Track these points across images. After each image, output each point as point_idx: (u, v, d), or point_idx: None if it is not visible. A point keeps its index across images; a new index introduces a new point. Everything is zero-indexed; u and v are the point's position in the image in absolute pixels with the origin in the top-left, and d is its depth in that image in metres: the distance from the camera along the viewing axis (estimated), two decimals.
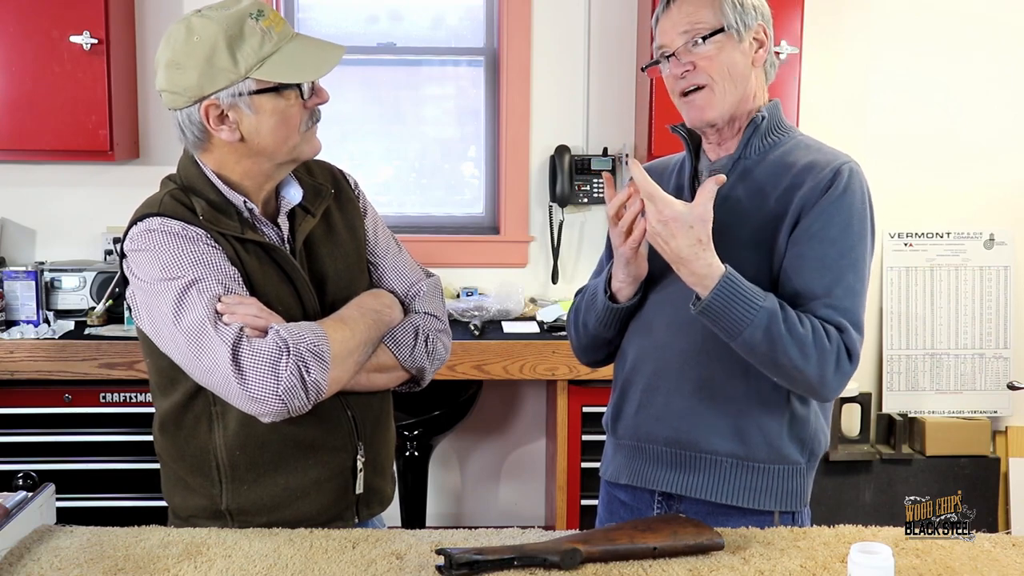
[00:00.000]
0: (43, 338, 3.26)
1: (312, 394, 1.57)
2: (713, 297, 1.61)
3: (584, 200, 3.74)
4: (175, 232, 1.61)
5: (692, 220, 1.60)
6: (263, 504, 1.69)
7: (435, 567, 1.46)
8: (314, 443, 1.70)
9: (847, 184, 1.69)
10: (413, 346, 1.75)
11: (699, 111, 1.75)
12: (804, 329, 1.62)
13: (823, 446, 1.80)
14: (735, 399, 1.74)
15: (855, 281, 1.68)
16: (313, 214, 1.75)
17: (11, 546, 1.51)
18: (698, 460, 1.77)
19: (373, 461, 1.78)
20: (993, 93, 3.83)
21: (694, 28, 1.72)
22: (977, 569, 1.50)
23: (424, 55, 3.93)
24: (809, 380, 1.66)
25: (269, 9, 1.64)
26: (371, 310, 1.72)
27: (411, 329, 1.76)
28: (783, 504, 1.77)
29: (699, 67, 1.72)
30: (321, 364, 1.57)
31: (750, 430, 1.74)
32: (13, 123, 3.38)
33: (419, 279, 1.85)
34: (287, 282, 1.69)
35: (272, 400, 1.55)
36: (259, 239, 1.67)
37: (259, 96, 1.60)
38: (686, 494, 1.78)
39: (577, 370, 3.30)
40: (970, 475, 3.75)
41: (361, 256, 1.82)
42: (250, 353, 1.54)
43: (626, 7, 3.73)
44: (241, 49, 1.58)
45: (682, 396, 1.77)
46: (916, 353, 3.86)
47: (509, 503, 4.01)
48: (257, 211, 1.69)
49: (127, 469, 3.26)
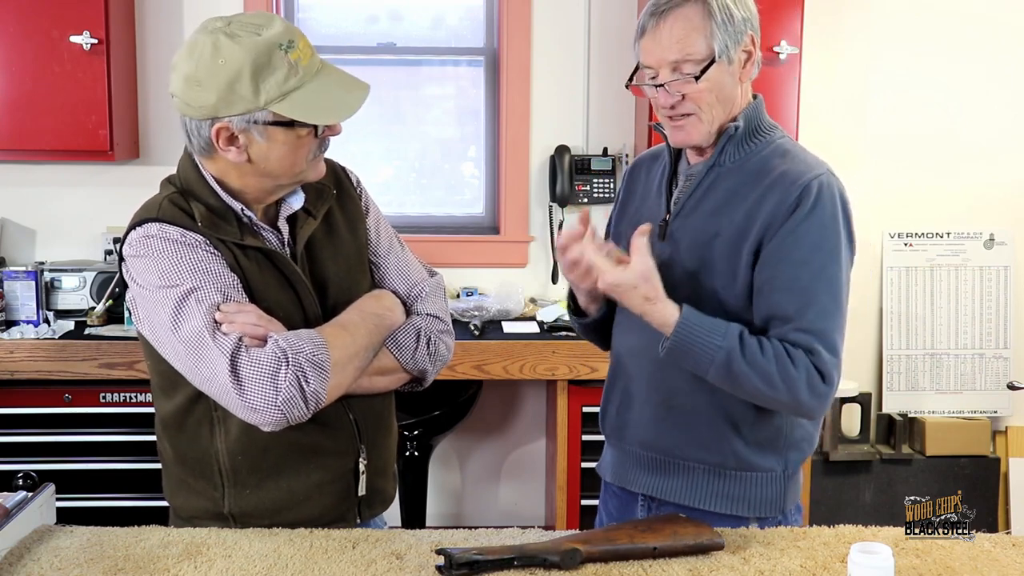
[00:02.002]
0: (43, 338, 3.26)
1: (311, 404, 1.56)
2: (672, 343, 1.64)
3: (584, 200, 3.74)
4: (173, 239, 1.59)
5: (635, 281, 1.63)
6: (265, 508, 1.69)
7: (435, 567, 1.46)
8: (316, 447, 1.70)
9: (815, 202, 1.65)
10: (415, 348, 1.74)
11: (686, 136, 1.73)
12: (766, 360, 1.62)
13: (805, 452, 1.79)
14: (700, 411, 1.74)
15: (829, 301, 1.65)
16: (314, 216, 1.72)
17: (11, 546, 1.51)
18: (673, 465, 1.78)
19: (375, 463, 1.78)
20: (993, 93, 3.83)
21: (685, 59, 1.66)
22: (977, 569, 1.50)
23: (424, 55, 3.93)
24: (784, 405, 1.68)
25: (301, 39, 1.58)
26: (372, 314, 1.71)
27: (412, 331, 1.75)
28: (758, 511, 1.76)
29: (688, 98, 1.68)
30: (320, 373, 1.56)
31: (717, 441, 1.74)
32: (13, 123, 3.38)
33: (422, 279, 1.83)
34: (288, 287, 1.67)
35: (271, 411, 1.53)
36: (259, 245, 1.65)
37: (273, 127, 1.57)
38: (665, 498, 1.79)
39: (577, 370, 3.30)
40: (970, 475, 3.75)
41: (363, 257, 1.80)
42: (248, 364, 1.53)
43: (626, 7, 3.72)
44: (265, 81, 1.54)
45: (652, 405, 1.79)
46: (916, 353, 3.86)
47: (509, 503, 4.01)
48: (255, 217, 1.67)
49: (127, 469, 3.26)
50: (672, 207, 1.78)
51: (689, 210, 1.74)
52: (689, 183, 1.77)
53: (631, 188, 1.92)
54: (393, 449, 1.87)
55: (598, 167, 3.74)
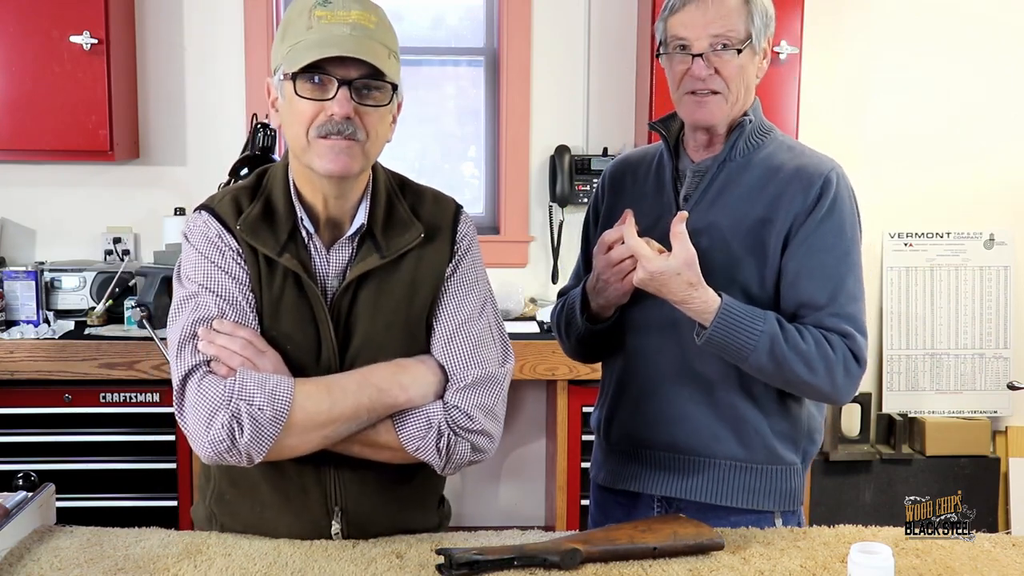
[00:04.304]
0: (43, 338, 3.26)
1: (244, 457, 1.44)
2: (714, 330, 1.65)
3: (584, 200, 3.73)
4: (210, 237, 1.53)
5: (679, 268, 1.64)
6: (243, 520, 1.62)
7: (435, 567, 1.46)
8: (288, 490, 1.57)
9: (836, 193, 1.72)
10: (422, 437, 1.52)
11: (708, 115, 1.74)
12: (807, 344, 1.66)
13: (816, 446, 1.83)
14: (730, 403, 1.75)
15: (854, 285, 1.72)
16: (383, 254, 1.54)
17: (11, 546, 1.51)
18: (697, 464, 1.78)
19: (358, 526, 1.58)
20: (993, 93, 3.83)
21: (727, 34, 1.69)
22: (977, 569, 1.50)
23: (424, 55, 3.93)
24: (821, 391, 1.70)
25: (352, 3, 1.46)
26: (374, 386, 1.50)
27: (423, 419, 1.52)
28: (782, 504, 1.79)
29: (721, 74, 1.71)
30: (260, 431, 1.42)
31: (747, 433, 1.76)
32: (13, 123, 3.38)
33: (478, 362, 1.57)
34: (309, 322, 1.52)
35: (202, 446, 1.45)
36: (292, 266, 1.51)
37: (286, 82, 1.47)
38: (686, 497, 1.79)
39: (577, 370, 3.30)
40: (970, 475, 3.75)
41: (415, 320, 1.57)
42: (195, 391, 1.45)
43: (626, 7, 3.73)
44: (288, 34, 1.47)
45: (679, 402, 1.78)
46: (916, 353, 3.86)
47: (509, 503, 4.01)
48: (313, 230, 1.53)
49: (127, 469, 3.26)
50: (682, 203, 1.78)
51: (706, 205, 1.75)
52: (698, 179, 1.78)
53: (619, 190, 1.90)
54: (394, 509, 1.63)
55: (598, 167, 3.74)
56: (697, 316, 1.67)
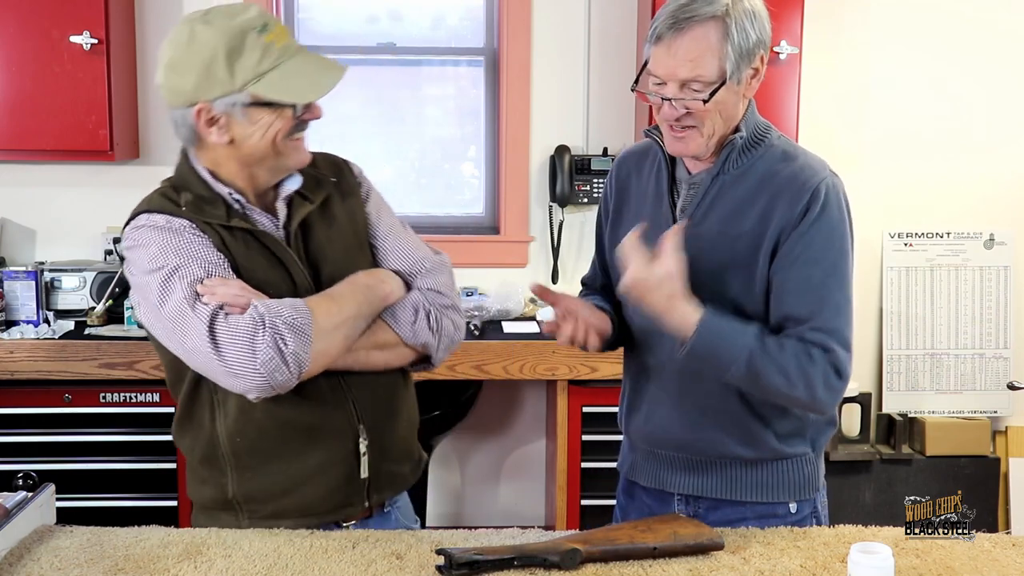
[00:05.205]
0: (43, 338, 3.26)
1: (293, 368, 1.57)
2: (693, 344, 1.66)
3: (584, 200, 3.74)
4: (159, 226, 1.65)
5: (660, 279, 1.65)
6: (268, 492, 1.70)
7: (435, 567, 1.46)
8: (313, 427, 1.70)
9: (824, 204, 1.69)
10: (413, 322, 1.74)
11: (684, 148, 1.73)
12: (785, 358, 1.66)
13: (832, 427, 1.86)
14: (734, 409, 1.77)
15: (841, 299, 1.71)
16: (311, 200, 1.74)
17: (11, 546, 1.51)
18: (710, 464, 1.81)
19: (379, 444, 1.75)
20: (993, 93, 3.83)
21: (696, 79, 1.65)
22: (977, 569, 1.50)
23: (424, 55, 3.93)
24: (800, 403, 1.72)
25: (275, 23, 1.65)
26: (363, 285, 1.71)
27: (410, 305, 1.75)
28: (796, 494, 1.81)
29: (692, 114, 1.68)
30: (299, 336, 1.57)
31: (753, 434, 1.78)
32: (13, 123, 3.38)
33: (424, 256, 1.83)
34: (278, 266, 1.69)
35: (252, 375, 1.55)
36: (246, 226, 1.68)
37: (253, 108, 1.62)
38: (704, 495, 1.82)
39: (577, 370, 3.30)
40: (970, 475, 3.75)
41: (362, 240, 1.81)
42: (226, 329, 1.55)
43: (626, 7, 3.72)
44: (239, 62, 1.60)
45: (685, 409, 1.80)
46: (916, 353, 3.86)
47: (509, 503, 4.01)
48: (245, 200, 1.69)
49: (127, 469, 3.26)
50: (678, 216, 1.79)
51: (699, 219, 1.75)
52: (693, 192, 1.78)
53: (624, 189, 1.91)
54: (404, 433, 1.84)
55: (598, 167, 3.74)
56: (677, 328, 1.67)
